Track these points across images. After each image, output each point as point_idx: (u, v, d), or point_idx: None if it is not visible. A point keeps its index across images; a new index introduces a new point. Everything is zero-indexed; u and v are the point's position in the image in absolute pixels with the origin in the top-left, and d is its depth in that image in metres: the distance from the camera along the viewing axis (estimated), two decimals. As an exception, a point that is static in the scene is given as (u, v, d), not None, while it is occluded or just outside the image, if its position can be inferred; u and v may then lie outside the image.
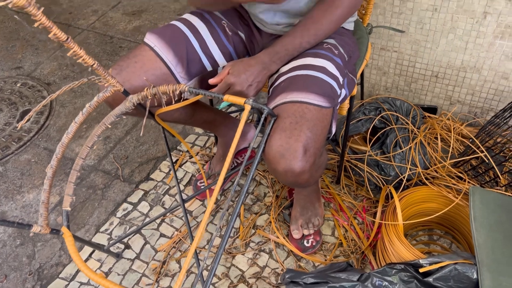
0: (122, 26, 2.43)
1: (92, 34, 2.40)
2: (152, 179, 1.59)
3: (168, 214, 1.46)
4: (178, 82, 1.09)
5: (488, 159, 1.27)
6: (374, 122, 1.47)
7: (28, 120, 1.88)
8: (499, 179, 1.30)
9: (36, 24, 0.77)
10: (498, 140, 1.38)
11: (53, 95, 1.03)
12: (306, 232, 1.34)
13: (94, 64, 0.88)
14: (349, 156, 1.48)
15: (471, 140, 1.37)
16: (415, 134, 1.42)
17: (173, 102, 1.00)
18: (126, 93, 0.98)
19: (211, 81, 0.99)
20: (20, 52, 2.30)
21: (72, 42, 0.83)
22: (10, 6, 0.71)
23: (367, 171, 1.42)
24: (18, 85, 2.07)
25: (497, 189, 1.26)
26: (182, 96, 1.11)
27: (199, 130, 1.76)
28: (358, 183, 1.49)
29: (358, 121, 1.50)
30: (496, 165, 1.28)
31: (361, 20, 1.35)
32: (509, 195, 1.17)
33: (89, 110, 0.97)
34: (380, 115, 1.47)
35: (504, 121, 1.32)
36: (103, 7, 2.63)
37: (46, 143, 1.77)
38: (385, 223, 1.20)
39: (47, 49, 2.28)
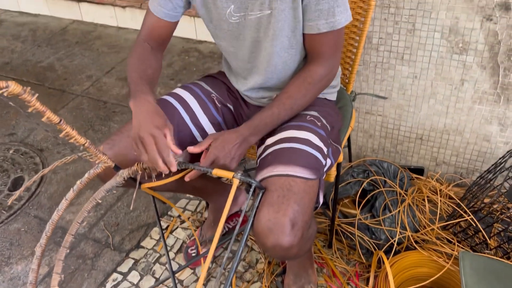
0: (115, 91, 2.49)
1: (86, 99, 2.45)
2: (143, 247, 1.57)
3: (159, 285, 1.43)
4: (168, 155, 1.11)
5: (475, 222, 1.28)
6: (363, 186, 1.49)
7: (19, 193, 1.88)
8: (489, 241, 1.30)
9: (30, 109, 0.80)
10: (485, 201, 1.40)
11: (45, 170, 1.05)
12: (299, 300, 1.32)
13: (85, 143, 0.90)
14: (340, 220, 1.49)
15: (457, 203, 1.39)
16: (403, 196, 1.44)
17: (163, 175, 1.02)
18: (117, 169, 1.00)
19: (191, 149, 1.00)
20: (14, 118, 2.34)
21: (64, 123, 0.86)
22: (5, 94, 0.74)
23: (358, 235, 1.42)
24: (11, 151, 2.09)
25: (487, 253, 1.27)
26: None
27: (190, 195, 1.77)
28: (350, 247, 1.49)
29: (347, 184, 1.52)
30: (484, 228, 1.29)
31: (344, 88, 1.40)
32: (498, 260, 1.17)
33: (80, 187, 0.99)
34: (369, 179, 1.50)
35: (489, 183, 1.35)
36: (97, 72, 2.71)
37: (36, 211, 1.76)
38: (377, 291, 1.19)
39: (40, 116, 2.32)
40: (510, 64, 1.31)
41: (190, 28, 2.90)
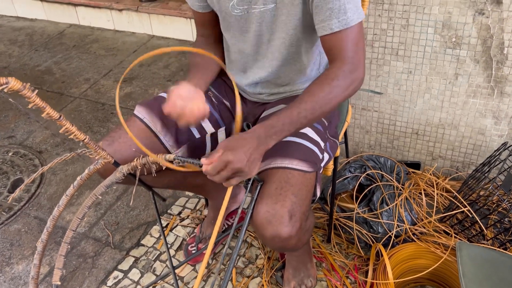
0: (113, 93, 2.51)
1: (84, 101, 2.47)
2: (143, 245, 1.58)
3: (159, 281, 1.44)
4: (168, 151, 1.13)
5: (471, 213, 1.30)
6: (360, 180, 1.50)
7: (19, 192, 1.89)
8: (485, 232, 1.32)
9: (30, 106, 0.81)
10: (481, 193, 1.42)
11: (44, 167, 1.05)
12: (299, 294, 1.33)
13: (85, 139, 0.91)
14: (338, 214, 1.50)
15: (454, 195, 1.41)
16: (400, 190, 1.46)
17: (163, 168, 1.02)
18: (116, 164, 1.02)
19: (203, 161, 0.87)
20: (13, 121, 2.35)
21: (64, 119, 0.87)
22: (5, 90, 0.76)
23: (356, 229, 1.43)
24: (10, 154, 2.10)
25: (483, 243, 1.28)
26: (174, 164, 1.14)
27: (189, 192, 1.78)
28: (348, 241, 1.50)
29: (344, 179, 1.54)
30: (481, 219, 1.31)
31: (340, 84, 1.42)
32: (495, 249, 1.19)
33: (80, 183, 1.00)
34: (365, 173, 1.51)
35: (484, 175, 1.37)
36: (94, 75, 2.72)
37: (36, 212, 1.77)
38: (376, 283, 1.20)
39: (39, 118, 2.34)
40: (503, 57, 1.33)
41: (186, 30, 2.92)
